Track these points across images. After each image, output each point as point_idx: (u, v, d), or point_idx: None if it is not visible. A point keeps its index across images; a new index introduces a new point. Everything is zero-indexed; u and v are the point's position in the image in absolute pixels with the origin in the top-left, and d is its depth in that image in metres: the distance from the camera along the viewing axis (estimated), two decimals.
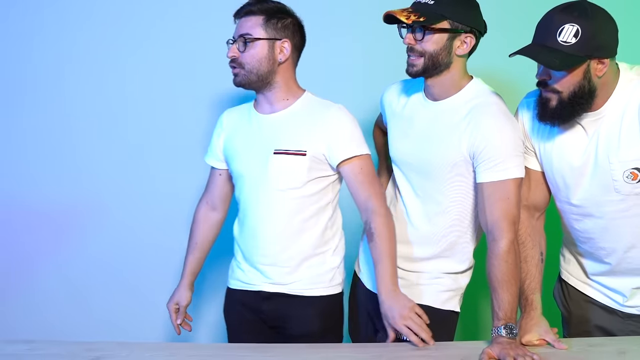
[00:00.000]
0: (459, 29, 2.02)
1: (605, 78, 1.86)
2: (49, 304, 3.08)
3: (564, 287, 2.25)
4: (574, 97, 1.85)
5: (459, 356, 1.93)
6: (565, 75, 1.83)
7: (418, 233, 2.20)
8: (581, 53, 1.80)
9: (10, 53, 3.14)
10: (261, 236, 2.19)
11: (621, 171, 1.90)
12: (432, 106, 2.13)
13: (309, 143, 2.13)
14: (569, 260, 2.22)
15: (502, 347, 1.86)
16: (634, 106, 1.87)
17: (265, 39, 2.12)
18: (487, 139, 2.01)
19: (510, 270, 1.94)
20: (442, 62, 2.04)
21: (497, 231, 1.97)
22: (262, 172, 2.17)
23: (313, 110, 2.17)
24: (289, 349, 2.03)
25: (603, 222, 2.01)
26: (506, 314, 1.92)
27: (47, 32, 3.09)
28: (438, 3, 2.00)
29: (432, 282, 2.21)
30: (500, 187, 1.99)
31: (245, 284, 2.27)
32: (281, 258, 2.19)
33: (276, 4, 2.17)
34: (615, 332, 2.10)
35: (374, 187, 2.13)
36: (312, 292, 2.21)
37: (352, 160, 2.12)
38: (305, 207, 2.17)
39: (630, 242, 2.00)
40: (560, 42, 1.80)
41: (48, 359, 1.92)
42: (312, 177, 2.15)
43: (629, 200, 1.94)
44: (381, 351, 2.01)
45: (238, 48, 2.12)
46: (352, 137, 2.13)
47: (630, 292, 2.06)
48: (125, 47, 3.02)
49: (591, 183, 1.97)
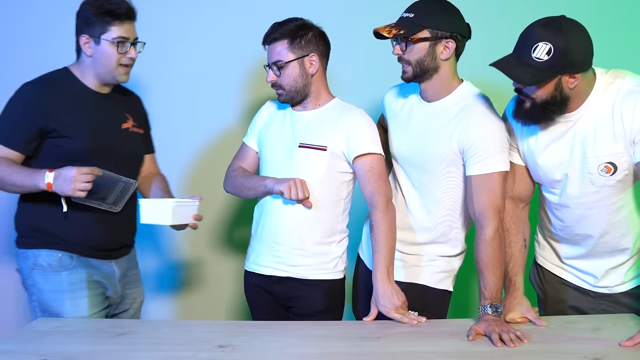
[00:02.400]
0: (439, 36, 2.04)
1: (578, 89, 1.86)
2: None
3: (539, 270, 2.26)
4: (546, 104, 1.86)
5: (448, 332, 1.94)
6: (537, 87, 1.84)
7: (416, 221, 2.22)
8: (552, 69, 1.80)
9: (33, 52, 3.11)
10: (278, 222, 2.23)
11: (596, 165, 1.91)
12: (427, 107, 2.15)
13: (330, 140, 2.17)
14: (544, 246, 2.23)
15: (488, 324, 1.88)
16: (608, 107, 1.88)
17: (294, 60, 2.16)
18: (474, 136, 2.02)
19: (495, 255, 1.96)
20: (428, 67, 2.05)
21: (483, 219, 1.99)
22: (286, 163, 2.22)
23: (338, 113, 2.22)
24: (292, 326, 2.06)
25: (580, 211, 2.02)
26: (492, 294, 1.94)
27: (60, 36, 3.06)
28: (417, 15, 2.03)
29: (429, 264, 2.23)
30: (487, 180, 2.01)
31: (260, 267, 2.30)
32: (294, 244, 2.22)
33: (295, 22, 2.19)
34: (588, 311, 2.12)
35: (379, 185, 2.15)
36: (317, 276, 2.24)
37: (365, 156, 2.15)
38: (321, 200, 2.20)
39: (604, 229, 2.01)
40: (534, 58, 1.81)
41: (76, 335, 1.95)
42: (331, 171, 2.19)
43: (603, 192, 1.95)
44: (378, 327, 2.02)
45: (275, 73, 2.18)
46: (367, 137, 2.17)
47: (601, 274, 2.08)
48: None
49: (569, 176, 1.98)
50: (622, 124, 1.85)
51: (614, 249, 2.04)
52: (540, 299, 2.27)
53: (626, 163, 1.89)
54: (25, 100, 2.11)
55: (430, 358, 1.75)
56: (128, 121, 2.28)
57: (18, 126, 2.10)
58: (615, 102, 1.86)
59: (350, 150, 2.16)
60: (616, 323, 1.97)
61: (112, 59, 2.13)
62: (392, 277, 2.09)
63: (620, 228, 2.01)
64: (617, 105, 1.86)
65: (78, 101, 2.16)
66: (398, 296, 2.06)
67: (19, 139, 2.09)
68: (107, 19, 2.08)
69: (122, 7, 2.11)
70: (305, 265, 2.23)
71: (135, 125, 2.30)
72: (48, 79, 2.17)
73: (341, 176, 2.22)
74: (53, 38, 2.93)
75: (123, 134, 2.25)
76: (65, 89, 2.15)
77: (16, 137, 2.09)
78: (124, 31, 2.12)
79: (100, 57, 2.13)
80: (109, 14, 2.09)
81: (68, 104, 2.13)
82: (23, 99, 2.11)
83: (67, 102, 2.13)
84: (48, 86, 2.14)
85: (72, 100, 2.15)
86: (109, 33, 2.10)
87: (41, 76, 2.18)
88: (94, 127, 2.15)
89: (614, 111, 1.86)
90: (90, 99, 2.19)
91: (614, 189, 1.94)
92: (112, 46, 2.11)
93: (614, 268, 2.06)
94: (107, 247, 2.21)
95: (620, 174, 1.90)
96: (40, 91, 2.12)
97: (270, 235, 2.26)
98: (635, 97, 1.84)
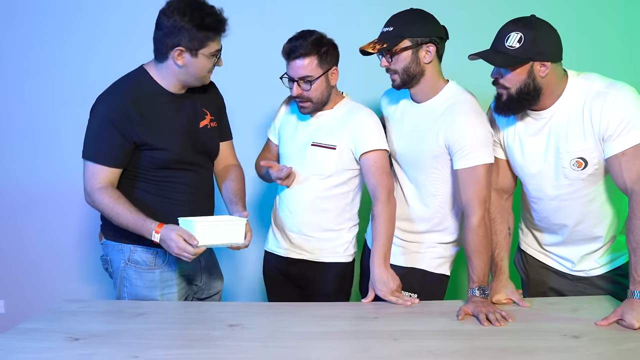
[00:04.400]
0: (420, 42, 2.06)
1: (549, 79, 1.90)
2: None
3: (522, 256, 2.28)
4: (521, 93, 1.90)
5: (440, 312, 1.97)
6: (511, 73, 1.88)
7: (414, 212, 2.25)
8: (524, 55, 1.86)
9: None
10: (294, 210, 2.29)
11: (568, 160, 1.94)
12: (417, 108, 2.18)
13: (340, 140, 2.21)
14: (527, 233, 2.25)
15: (476, 305, 1.91)
16: (579, 106, 1.91)
17: (322, 74, 2.16)
18: (458, 133, 2.05)
19: (482, 241, 1.98)
20: (415, 72, 2.08)
21: (470, 209, 2.02)
22: (301, 159, 2.26)
23: (347, 113, 2.25)
24: (298, 307, 2.07)
25: (555, 203, 2.05)
26: (479, 277, 1.97)
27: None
28: (396, 28, 2.06)
29: (428, 250, 2.26)
30: (472, 172, 2.03)
31: (278, 249, 2.36)
32: (307, 229, 2.28)
33: (315, 36, 2.15)
34: (567, 292, 2.15)
35: (382, 178, 2.17)
36: (329, 259, 2.30)
37: (370, 153, 2.18)
38: (330, 191, 2.25)
39: (577, 219, 2.04)
40: (507, 46, 1.87)
41: (99, 315, 1.97)
42: (340, 168, 2.22)
43: (576, 185, 1.98)
44: (375, 308, 2.04)
45: (303, 88, 2.16)
46: (372, 135, 2.20)
47: (577, 260, 2.11)
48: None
49: (545, 170, 2.01)
50: (591, 123, 1.88)
51: (588, 237, 2.07)
52: (523, 281, 2.30)
53: (596, 158, 1.92)
54: (112, 117, 1.97)
55: (423, 335, 1.77)
56: (205, 117, 2.16)
57: (113, 144, 1.98)
58: (585, 102, 1.90)
59: (358, 147, 2.19)
60: (593, 304, 1.99)
61: (205, 69, 2.02)
62: (388, 263, 2.12)
63: (593, 218, 2.03)
64: (587, 105, 1.89)
65: (160, 110, 2.04)
66: (393, 281, 2.09)
67: (117, 157, 1.99)
68: (209, 35, 1.95)
69: (221, 22, 1.97)
70: (318, 249, 2.28)
71: (212, 120, 2.18)
72: (127, 90, 2.02)
73: (349, 171, 2.25)
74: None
75: (202, 133, 2.15)
76: (145, 98, 2.02)
77: (115, 156, 1.99)
78: (218, 44, 2.01)
79: (194, 68, 2.00)
80: (211, 29, 1.95)
81: (152, 115, 2.01)
82: (109, 116, 1.97)
83: (150, 113, 2.01)
84: (128, 98, 1.99)
85: (155, 109, 2.03)
86: (207, 48, 1.97)
87: (119, 85, 2.05)
88: (180, 135, 2.07)
89: (584, 110, 1.90)
90: (170, 103, 2.07)
91: (586, 182, 1.97)
92: (208, 59, 2.00)
93: (588, 254, 2.09)
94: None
95: (591, 168, 1.93)
96: (124, 105, 1.97)
97: (284, 223, 2.32)
98: (604, 98, 1.87)
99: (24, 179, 3.26)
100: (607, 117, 1.85)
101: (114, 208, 1.96)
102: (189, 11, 1.91)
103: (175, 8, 1.93)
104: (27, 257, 3.32)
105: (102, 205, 1.98)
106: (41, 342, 1.71)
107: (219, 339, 1.76)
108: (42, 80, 3.20)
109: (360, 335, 1.80)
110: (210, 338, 1.77)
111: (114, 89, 2.05)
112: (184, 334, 1.81)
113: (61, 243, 3.30)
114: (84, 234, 3.26)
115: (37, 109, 3.22)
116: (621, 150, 1.84)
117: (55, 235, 3.30)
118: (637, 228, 1.80)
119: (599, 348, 1.65)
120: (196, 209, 2.10)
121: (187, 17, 1.91)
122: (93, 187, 1.98)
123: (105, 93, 2.05)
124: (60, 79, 3.19)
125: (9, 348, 1.66)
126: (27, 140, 3.25)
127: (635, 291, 1.79)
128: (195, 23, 1.91)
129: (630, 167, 1.83)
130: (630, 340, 1.69)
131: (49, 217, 3.29)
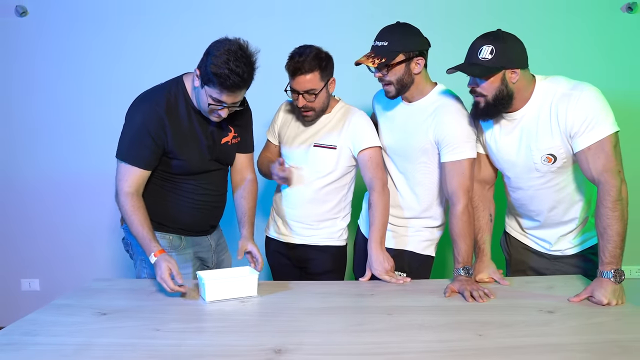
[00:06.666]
0: (412, 56, 2.07)
1: (519, 84, 1.91)
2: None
3: (507, 238, 2.31)
4: (496, 99, 1.91)
5: (429, 290, 1.99)
6: (486, 82, 1.90)
7: (403, 200, 2.27)
8: (496, 65, 1.87)
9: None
10: (297, 204, 2.32)
11: (539, 156, 1.97)
12: (407, 107, 2.19)
13: (338, 140, 2.24)
14: (511, 218, 2.28)
15: (461, 284, 1.94)
16: (546, 108, 1.93)
17: (324, 86, 2.18)
18: (446, 130, 2.07)
19: (465, 226, 2.01)
20: (407, 82, 2.10)
21: (455, 198, 2.04)
22: (303, 159, 2.28)
23: (343, 115, 2.27)
24: (302, 285, 2.08)
25: (530, 192, 2.07)
26: (464, 258, 1.99)
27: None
28: (390, 43, 2.05)
29: (415, 234, 2.28)
30: (457, 165, 2.06)
31: (279, 235, 2.39)
32: (307, 218, 2.31)
33: (316, 51, 2.15)
34: (545, 271, 2.17)
35: (377, 171, 2.20)
36: (326, 243, 2.33)
37: (367, 150, 2.20)
38: (330, 187, 2.28)
39: (551, 205, 2.07)
40: (480, 58, 1.88)
41: (124, 292, 1.99)
42: (339, 165, 2.25)
43: (546, 177, 2.01)
44: (371, 286, 2.07)
45: (308, 100, 2.17)
46: (368, 134, 2.22)
47: (554, 240, 2.13)
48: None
49: (519, 165, 2.03)
50: (557, 122, 1.90)
51: (562, 221, 2.09)
52: (507, 261, 2.33)
53: (564, 154, 1.94)
54: (148, 124, 1.96)
55: (414, 311, 1.79)
56: (229, 134, 2.13)
57: (146, 149, 1.97)
58: (552, 103, 1.91)
59: (355, 146, 2.22)
60: (566, 283, 2.02)
61: (205, 104, 1.94)
62: (383, 246, 2.16)
63: (565, 203, 2.06)
64: (553, 106, 1.90)
65: (188, 124, 2.02)
66: (388, 261, 2.12)
67: (148, 160, 1.99)
68: (214, 81, 1.86)
69: (230, 83, 1.85)
70: (316, 235, 2.32)
71: (234, 137, 2.16)
72: (164, 100, 1.99)
73: (347, 168, 2.28)
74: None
75: (222, 149, 2.13)
76: (177, 110, 2.00)
77: (146, 158, 1.98)
78: (221, 95, 1.89)
79: (199, 97, 1.95)
80: (216, 79, 1.85)
81: (181, 128, 2.00)
82: (145, 122, 1.96)
83: (180, 125, 2.00)
84: (163, 108, 1.97)
85: (184, 122, 2.01)
86: (209, 89, 1.89)
87: (157, 92, 2.02)
88: (200, 150, 2.05)
89: (551, 111, 1.91)
90: (197, 120, 2.04)
91: (556, 173, 1.99)
92: (207, 99, 1.92)
93: (563, 235, 2.11)
94: (203, 229, 2.23)
95: (560, 162, 1.96)
96: (159, 114, 1.96)
97: (286, 214, 2.35)
98: (568, 99, 1.88)
99: (58, 173, 3.33)
100: (572, 117, 1.87)
101: (131, 216, 1.97)
102: (224, 55, 1.84)
103: (224, 45, 1.87)
104: (60, 242, 3.39)
105: (123, 209, 2.00)
106: (72, 317, 1.74)
107: (230, 313, 1.79)
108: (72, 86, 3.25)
109: (358, 310, 1.81)
110: (222, 312, 1.79)
111: (151, 97, 2.02)
112: (198, 309, 1.83)
113: (89, 229, 3.36)
114: (109, 220, 3.32)
115: (68, 112, 3.28)
116: (587, 146, 1.86)
117: (84, 222, 3.36)
118: (603, 215, 1.82)
119: (572, 322, 1.67)
120: (208, 207, 2.16)
121: (216, 57, 1.85)
122: (122, 189, 2.00)
123: (143, 100, 2.02)
124: (89, 85, 3.24)
125: (44, 322, 1.70)
126: (59, 138, 3.30)
127: (604, 271, 1.82)
128: (214, 65, 1.84)
129: (595, 160, 1.85)
130: (600, 315, 1.72)
131: (79, 207, 3.35)
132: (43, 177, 3.31)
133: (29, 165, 3.31)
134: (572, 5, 3.08)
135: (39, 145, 3.29)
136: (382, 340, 1.56)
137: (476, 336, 1.57)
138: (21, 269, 3.41)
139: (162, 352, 1.49)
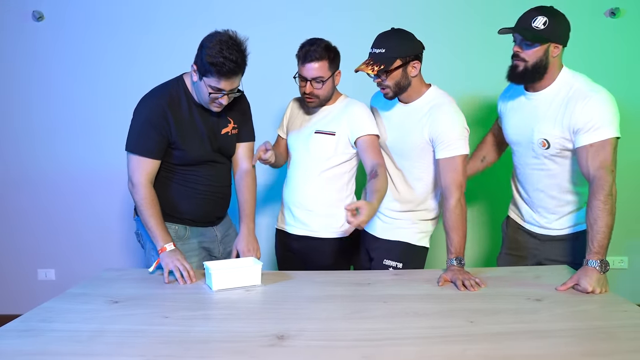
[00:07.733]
0: (408, 60, 2.08)
1: (555, 61, 1.97)
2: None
3: (508, 219, 2.34)
4: (535, 66, 1.96)
5: (423, 279, 2.00)
6: (532, 49, 1.94)
7: (400, 194, 2.28)
8: (545, 35, 1.91)
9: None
10: (299, 187, 2.32)
11: (537, 138, 2.02)
12: (404, 107, 2.21)
13: (338, 127, 2.25)
14: (513, 201, 2.31)
15: (454, 273, 1.95)
16: (560, 97, 1.96)
17: (331, 76, 2.20)
18: (440, 129, 2.09)
19: (458, 219, 2.02)
20: (404, 85, 2.12)
21: (448, 192, 2.06)
22: (306, 146, 2.29)
23: (345, 106, 2.28)
24: (303, 275, 2.09)
25: (526, 171, 2.14)
26: (456, 249, 2.01)
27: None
28: (388, 49, 2.06)
29: (411, 226, 2.29)
30: (450, 162, 2.07)
31: (284, 225, 2.41)
32: (310, 205, 2.31)
33: (325, 43, 2.18)
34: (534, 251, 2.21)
35: (378, 155, 2.20)
36: (328, 235, 2.33)
37: (365, 136, 2.21)
38: (330, 172, 2.28)
39: (535, 187, 2.12)
40: (533, 26, 1.92)
41: (135, 281, 2.00)
42: (338, 152, 2.26)
43: (541, 159, 2.06)
44: (369, 276, 2.08)
45: (315, 87, 2.20)
46: (366, 122, 2.23)
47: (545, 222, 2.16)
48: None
49: (521, 142, 2.10)
50: (564, 114, 1.94)
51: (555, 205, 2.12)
52: (503, 240, 2.36)
53: (558, 144, 1.98)
54: (152, 118, 2.00)
55: (409, 299, 1.80)
56: (228, 125, 2.16)
57: (152, 140, 2.01)
58: (567, 96, 1.95)
59: (353, 133, 2.23)
60: (553, 272, 2.03)
61: (205, 95, 1.98)
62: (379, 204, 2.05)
63: (553, 191, 2.09)
64: (567, 99, 1.95)
65: (189, 116, 2.05)
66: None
67: (154, 151, 2.02)
68: (211, 70, 1.89)
69: (227, 70, 1.89)
70: (318, 225, 2.32)
71: (234, 128, 2.18)
72: (166, 95, 2.03)
73: (345, 154, 2.28)
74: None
75: (222, 139, 2.15)
76: (179, 104, 2.04)
77: (153, 149, 2.02)
78: (219, 83, 1.92)
79: (198, 89, 1.99)
80: (213, 67, 1.89)
81: (182, 120, 2.04)
82: (149, 116, 2.00)
83: (181, 118, 2.04)
84: (166, 102, 2.01)
85: (185, 115, 2.05)
86: (208, 79, 1.93)
87: (160, 90, 2.06)
88: (201, 140, 2.08)
89: (563, 102, 1.95)
90: (197, 112, 2.07)
91: (550, 160, 2.03)
92: (207, 89, 1.95)
93: (557, 219, 2.13)
94: (209, 219, 2.24)
95: (553, 150, 2.00)
96: (162, 108, 2.00)
97: (290, 201, 2.36)
98: (583, 97, 1.91)
99: (74, 169, 3.34)
100: (581, 114, 1.90)
101: (143, 207, 2.03)
102: (217, 46, 1.88)
103: (215, 37, 1.91)
104: (74, 233, 3.41)
105: (136, 199, 2.05)
106: (86, 305, 1.76)
107: (236, 301, 1.80)
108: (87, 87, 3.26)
109: (356, 299, 1.82)
110: (228, 301, 1.80)
111: (155, 93, 2.07)
112: (206, 297, 1.84)
113: (103, 221, 3.38)
114: (122, 213, 3.34)
115: (83, 112, 3.29)
116: (590, 143, 1.89)
117: (98, 214, 3.38)
118: (595, 207, 1.84)
119: (558, 309, 1.69)
120: (212, 198, 2.18)
121: (210, 48, 1.89)
122: (137, 180, 2.03)
123: (148, 96, 2.07)
124: (103, 86, 3.25)
125: (59, 309, 1.72)
126: (75, 136, 3.31)
127: (590, 260, 1.83)
128: (209, 55, 1.88)
129: (594, 157, 1.88)
130: (585, 302, 1.74)
131: (94, 200, 3.36)
132: (61, 173, 3.34)
133: (47, 162, 3.33)
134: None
135: (56, 143, 3.31)
136: (379, 326, 1.58)
137: (467, 323, 1.59)
138: (38, 259, 3.43)
139: (171, 337, 1.51)
